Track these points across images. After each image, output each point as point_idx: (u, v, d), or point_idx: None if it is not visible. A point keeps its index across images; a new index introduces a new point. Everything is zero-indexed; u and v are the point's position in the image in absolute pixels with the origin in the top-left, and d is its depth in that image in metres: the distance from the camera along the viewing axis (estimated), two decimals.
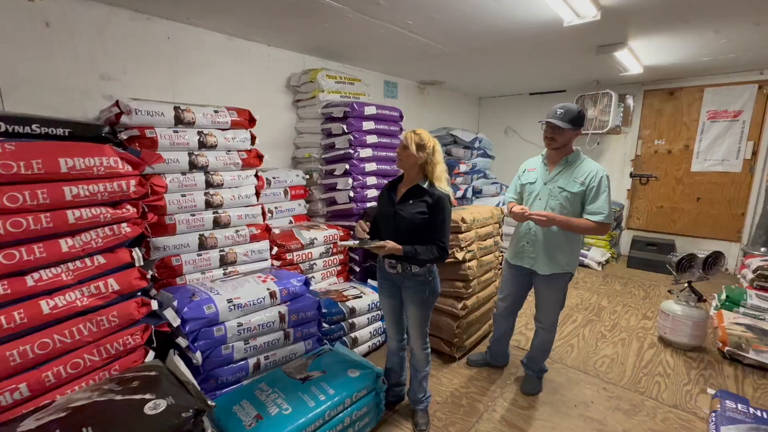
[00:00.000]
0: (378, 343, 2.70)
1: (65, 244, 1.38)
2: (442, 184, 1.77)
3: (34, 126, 1.43)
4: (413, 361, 1.97)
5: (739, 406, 1.90)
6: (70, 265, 1.40)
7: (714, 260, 2.76)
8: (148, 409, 1.23)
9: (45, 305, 1.31)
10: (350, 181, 3.10)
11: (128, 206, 1.57)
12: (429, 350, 1.97)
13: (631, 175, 5.13)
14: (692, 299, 2.77)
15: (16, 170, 1.28)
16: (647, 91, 4.90)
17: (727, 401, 1.94)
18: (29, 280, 1.30)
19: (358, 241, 1.72)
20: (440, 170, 1.77)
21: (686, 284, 2.84)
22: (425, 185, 1.77)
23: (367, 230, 1.81)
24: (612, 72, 4.08)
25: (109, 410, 1.24)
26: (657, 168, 4.98)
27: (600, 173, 1.94)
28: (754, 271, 3.28)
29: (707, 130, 4.57)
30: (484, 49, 3.32)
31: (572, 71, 4.26)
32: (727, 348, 2.61)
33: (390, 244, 1.69)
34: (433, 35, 2.96)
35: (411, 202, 1.76)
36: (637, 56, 3.54)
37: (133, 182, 1.56)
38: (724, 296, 3.10)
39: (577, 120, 1.92)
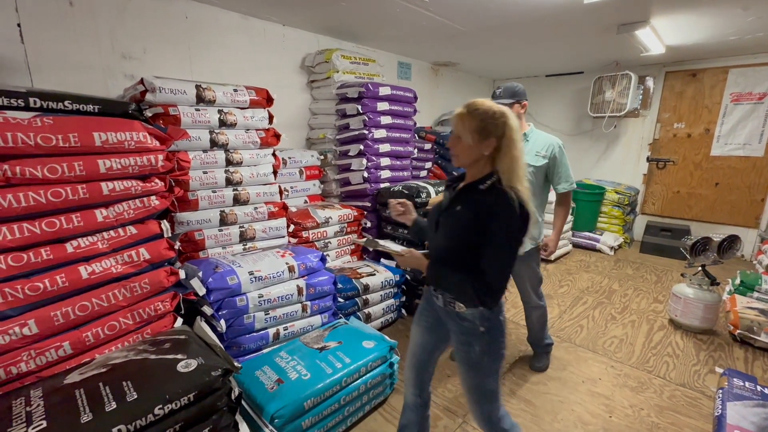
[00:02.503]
0: (390, 320, 2.79)
1: (100, 215, 1.46)
2: (522, 185, 1.13)
3: (66, 102, 1.49)
4: None
5: (747, 384, 1.93)
6: (104, 234, 1.48)
7: (729, 244, 2.74)
8: (181, 368, 1.33)
9: (83, 271, 1.40)
10: (364, 161, 3.13)
11: (156, 180, 1.64)
12: None
13: (648, 160, 5.04)
14: (705, 283, 2.77)
15: (54, 143, 1.35)
16: (668, 72, 4.76)
17: (734, 379, 1.97)
18: (69, 247, 1.39)
19: (365, 240, 1.39)
20: (516, 162, 1.13)
21: (700, 268, 2.84)
22: (486, 184, 1.16)
23: (405, 210, 1.45)
24: (632, 52, 3.97)
25: (145, 367, 1.34)
26: (675, 152, 4.88)
27: (558, 142, 2.03)
28: None
29: (730, 113, 4.45)
30: (502, 29, 3.26)
31: (591, 51, 4.16)
32: (738, 331, 2.62)
33: (414, 254, 1.24)
34: (450, 13, 2.91)
35: (459, 208, 1.21)
36: (660, 35, 3.44)
37: (161, 157, 1.62)
38: (738, 281, 3.09)
39: (517, 93, 2.00)
